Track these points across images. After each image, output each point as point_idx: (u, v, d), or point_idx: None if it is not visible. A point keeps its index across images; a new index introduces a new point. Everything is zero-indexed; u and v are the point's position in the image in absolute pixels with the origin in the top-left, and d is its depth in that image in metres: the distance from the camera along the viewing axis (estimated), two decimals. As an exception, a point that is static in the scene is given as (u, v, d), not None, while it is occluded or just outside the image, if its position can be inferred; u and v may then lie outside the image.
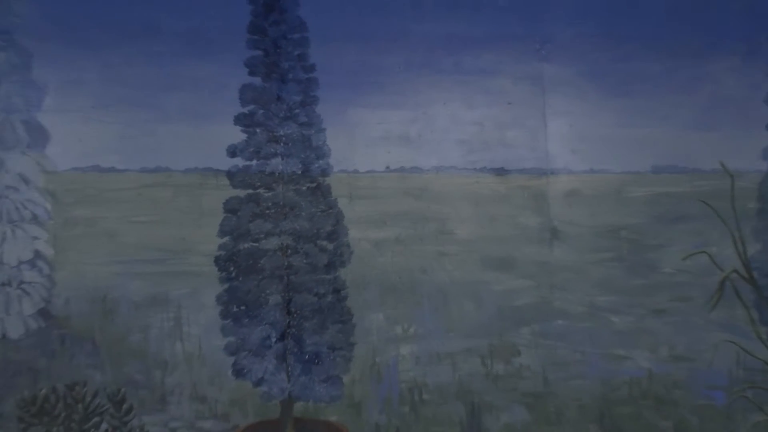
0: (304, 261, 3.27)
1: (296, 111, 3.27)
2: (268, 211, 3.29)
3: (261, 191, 3.31)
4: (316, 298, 3.28)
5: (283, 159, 3.29)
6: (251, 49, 3.24)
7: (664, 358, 3.68)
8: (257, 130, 3.25)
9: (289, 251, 3.30)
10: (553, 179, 3.66)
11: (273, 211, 3.28)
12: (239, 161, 3.25)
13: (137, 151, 3.47)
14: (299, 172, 3.27)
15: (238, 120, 3.24)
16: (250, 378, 3.25)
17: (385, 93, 3.59)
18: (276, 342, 3.29)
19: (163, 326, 3.48)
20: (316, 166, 3.27)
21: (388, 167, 3.63)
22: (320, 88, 3.27)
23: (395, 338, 3.59)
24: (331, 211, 3.32)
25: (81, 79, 3.44)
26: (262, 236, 3.25)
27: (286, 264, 3.31)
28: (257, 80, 3.27)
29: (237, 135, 3.22)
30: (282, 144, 3.28)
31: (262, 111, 3.25)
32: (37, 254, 3.42)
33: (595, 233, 3.70)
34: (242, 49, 3.25)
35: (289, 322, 3.33)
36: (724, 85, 3.68)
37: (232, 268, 3.30)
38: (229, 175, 3.26)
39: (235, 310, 3.31)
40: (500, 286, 3.66)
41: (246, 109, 3.24)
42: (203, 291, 3.41)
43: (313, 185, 3.31)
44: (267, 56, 3.23)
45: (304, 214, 3.26)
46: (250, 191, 3.29)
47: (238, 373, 3.27)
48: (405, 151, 3.64)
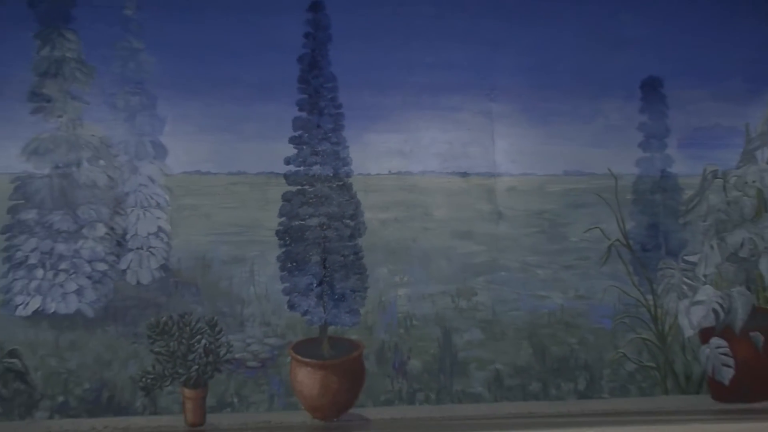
0: (335, 233, 3.85)
1: (329, 134, 3.89)
2: (310, 201, 3.88)
3: (306, 187, 3.87)
4: (342, 258, 3.86)
5: (320, 166, 3.90)
6: (300, 93, 3.84)
7: (571, 297, 4.20)
8: (303, 147, 3.85)
9: (324, 227, 3.87)
10: (498, 180, 4.22)
11: (314, 200, 3.88)
12: (292, 167, 3.85)
13: (225, 160, 3.98)
14: (331, 175, 3.90)
15: (291, 140, 3.85)
16: (299, 310, 3.84)
17: (388, 123, 4.15)
18: (316, 287, 3.85)
19: (242, 276, 3.98)
20: (342, 171, 3.91)
21: (389, 171, 4.18)
22: (345, 119, 3.89)
23: (394, 284, 4.09)
24: (352, 200, 3.91)
25: (188, 114, 3.94)
26: (306, 217, 3.84)
27: (322, 235, 3.86)
28: (303, 114, 3.86)
29: (290, 150, 3.83)
30: (320, 156, 3.88)
31: (307, 134, 3.86)
32: (160, 229, 3.92)
33: (526, 215, 4.22)
34: (294, 94, 3.83)
35: (325, 274, 3.88)
36: (611, 117, 4.26)
37: (287, 238, 3.87)
38: (285, 176, 3.84)
39: (289, 265, 3.85)
40: (463, 250, 4.17)
41: (296, 133, 3.84)
42: (268, 253, 3.97)
43: (340, 183, 3.91)
44: (310, 98, 3.84)
45: (334, 202, 3.86)
46: (299, 187, 3.86)
47: (291, 307, 3.84)
48: (400, 160, 4.20)
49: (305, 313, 3.87)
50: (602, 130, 4.29)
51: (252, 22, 4.06)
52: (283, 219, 3.89)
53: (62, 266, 3.88)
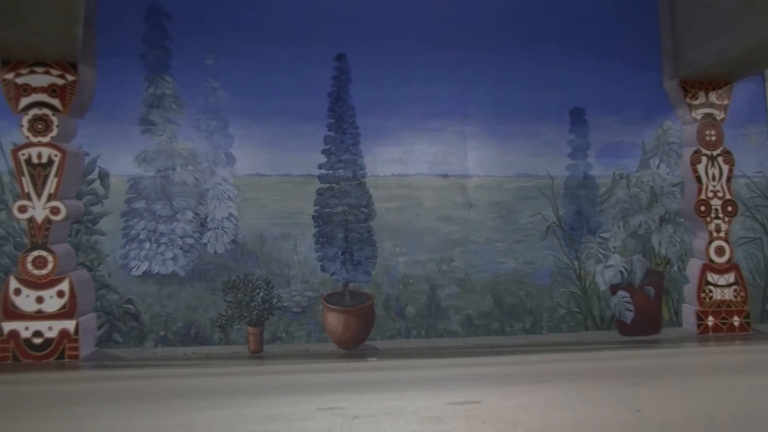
0: (353, 218, 4.48)
1: (350, 147, 4.54)
2: (336, 194, 4.51)
3: (333, 185, 4.45)
4: (359, 235, 4.48)
5: (343, 170, 4.57)
6: (329, 118, 4.46)
7: (521, 263, 4.73)
8: (331, 156, 4.49)
9: (346, 213, 4.54)
10: (469, 180, 4.72)
11: (339, 194, 4.51)
12: (323, 171, 4.49)
13: (276, 165, 4.47)
14: (351, 176, 4.52)
15: (323, 151, 4.46)
16: (328, 272, 4.48)
17: (391, 139, 4.64)
18: (340, 255, 4.50)
19: (288, 248, 4.45)
20: (359, 173, 4.52)
21: (392, 174, 4.67)
22: (361, 137, 4.52)
23: (395, 254, 4.57)
24: (366, 194, 4.53)
25: (250, 133, 4.43)
26: (333, 206, 4.48)
27: (345, 219, 4.53)
28: (332, 133, 4.48)
29: (322, 158, 4.44)
30: (343, 163, 4.52)
31: (334, 147, 4.48)
32: (230, 214, 4.36)
33: (489, 204, 4.73)
34: (325, 119, 4.51)
35: (346, 246, 4.53)
36: (548, 136, 4.85)
37: (319, 221, 4.46)
38: (319, 177, 4.41)
39: (321, 240, 4.45)
40: (445, 230, 4.64)
41: (326, 147, 4.45)
42: (307, 231, 4.50)
43: (357, 182, 4.50)
44: (336, 122, 4.46)
45: (353, 195, 4.50)
46: (328, 185, 4.44)
47: (323, 269, 4.46)
48: (400, 166, 4.67)
49: (333, 274, 4.55)
50: (542, 144, 4.85)
51: (296, 70, 4.59)
52: (317, 207, 4.56)
53: (162, 240, 4.44)
